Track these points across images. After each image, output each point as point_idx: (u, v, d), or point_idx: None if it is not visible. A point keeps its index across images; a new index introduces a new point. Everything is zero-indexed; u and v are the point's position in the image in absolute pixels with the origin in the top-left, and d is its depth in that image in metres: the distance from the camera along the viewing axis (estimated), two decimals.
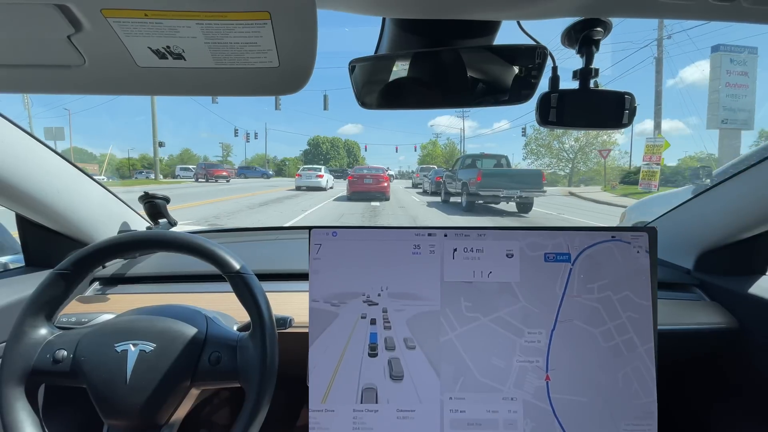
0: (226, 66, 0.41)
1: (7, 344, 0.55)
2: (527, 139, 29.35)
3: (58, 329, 0.59)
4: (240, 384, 0.56)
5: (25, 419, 0.53)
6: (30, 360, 0.55)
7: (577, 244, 0.57)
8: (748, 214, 0.78)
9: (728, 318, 0.80)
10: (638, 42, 29.20)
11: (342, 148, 68.85)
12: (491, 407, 0.55)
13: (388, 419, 0.55)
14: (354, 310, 0.57)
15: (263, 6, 0.33)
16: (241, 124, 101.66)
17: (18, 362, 0.55)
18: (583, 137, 25.15)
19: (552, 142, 28.02)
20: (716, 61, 14.48)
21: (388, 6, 0.46)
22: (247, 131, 48.73)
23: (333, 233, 0.58)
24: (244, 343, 0.57)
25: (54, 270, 0.58)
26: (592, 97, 0.59)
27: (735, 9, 0.41)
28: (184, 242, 0.59)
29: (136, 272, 0.94)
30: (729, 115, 14.49)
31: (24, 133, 0.73)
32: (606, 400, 0.55)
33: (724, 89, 14.36)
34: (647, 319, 0.56)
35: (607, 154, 19.35)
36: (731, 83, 14.40)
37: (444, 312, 0.57)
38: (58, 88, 0.46)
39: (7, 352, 0.55)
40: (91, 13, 0.34)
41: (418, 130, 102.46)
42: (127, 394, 0.54)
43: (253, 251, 1.12)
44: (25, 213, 0.83)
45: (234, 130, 44.45)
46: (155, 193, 0.95)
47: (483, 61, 0.65)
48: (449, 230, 0.58)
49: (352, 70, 0.65)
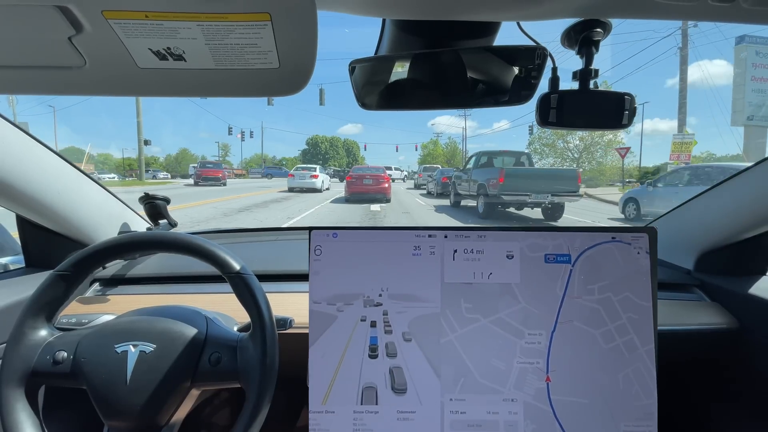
0: (226, 67, 0.41)
1: (7, 345, 0.55)
2: (531, 138, 28.84)
3: (58, 330, 0.59)
4: (240, 384, 0.56)
5: (25, 420, 0.53)
6: (30, 361, 0.55)
7: (577, 245, 0.57)
8: (748, 215, 0.78)
9: (728, 318, 0.80)
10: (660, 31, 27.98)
11: (341, 148, 68.73)
12: (492, 408, 0.55)
13: (389, 420, 0.55)
14: (354, 311, 0.57)
15: (263, 7, 0.33)
16: (237, 122, 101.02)
17: (18, 363, 0.55)
18: (588, 136, 24.59)
19: (556, 142, 27.20)
20: (741, 54, 13.17)
21: (388, 7, 0.46)
22: (242, 129, 47.29)
23: (333, 234, 0.58)
24: (244, 343, 0.57)
25: (54, 271, 0.58)
26: (592, 97, 0.59)
27: (735, 10, 0.41)
28: (185, 243, 0.59)
29: (136, 273, 0.94)
30: (755, 111, 13.24)
31: (24, 134, 0.73)
32: (606, 401, 0.55)
33: (749, 84, 13.07)
34: (648, 320, 0.56)
35: (626, 153, 17.37)
36: (757, 77, 13.10)
37: (444, 313, 0.57)
38: (58, 90, 0.46)
39: (7, 353, 0.55)
40: (92, 14, 0.34)
41: (418, 129, 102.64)
42: (128, 395, 0.54)
43: (254, 252, 1.12)
44: (26, 214, 0.83)
45: (228, 129, 43.13)
46: (155, 194, 0.95)
47: (483, 62, 0.65)
48: (449, 231, 0.58)
49: (352, 71, 0.65)
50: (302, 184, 16.05)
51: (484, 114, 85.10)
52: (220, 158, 52.62)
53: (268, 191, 16.42)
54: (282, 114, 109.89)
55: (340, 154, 67.03)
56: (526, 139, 29.37)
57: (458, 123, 59.18)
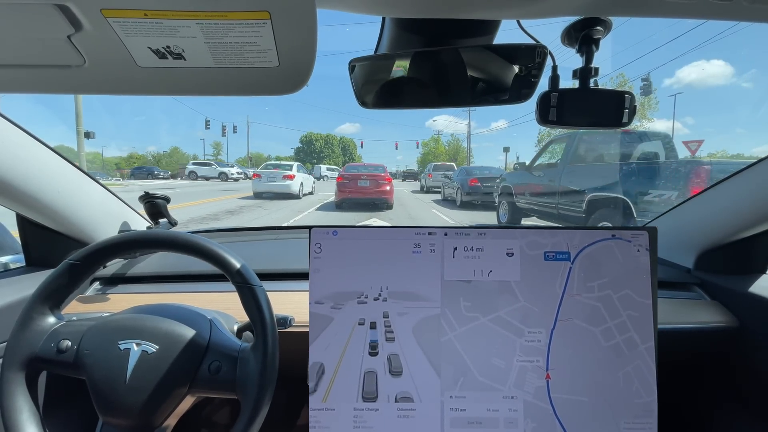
0: (225, 66, 0.41)
1: (13, 330, 0.56)
2: (539, 135, 27.99)
3: (64, 319, 0.60)
4: (236, 396, 0.55)
5: (24, 404, 0.53)
6: (34, 347, 0.56)
7: (576, 242, 0.57)
8: (748, 213, 0.78)
9: (728, 317, 0.80)
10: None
11: (337, 146, 67.40)
12: (492, 406, 0.55)
13: (389, 418, 0.55)
14: (354, 309, 0.57)
15: (263, 6, 0.33)
16: (228, 118, 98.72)
17: (22, 348, 0.55)
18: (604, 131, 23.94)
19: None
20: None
21: (388, 5, 0.46)
22: (224, 123, 42.52)
23: (333, 232, 0.59)
24: (245, 355, 0.56)
25: (67, 260, 0.58)
26: (592, 96, 0.60)
27: (735, 8, 0.41)
28: (196, 245, 0.58)
29: (136, 272, 0.94)
30: None
31: (24, 133, 0.73)
32: (606, 399, 0.55)
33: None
34: (648, 317, 0.56)
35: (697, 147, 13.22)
36: None
37: (444, 312, 0.57)
38: (58, 89, 0.46)
39: (13, 337, 0.56)
40: (91, 13, 0.34)
41: (417, 129, 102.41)
42: (125, 393, 0.54)
43: (254, 250, 1.12)
44: (26, 213, 0.83)
45: (205, 122, 37.09)
46: (155, 193, 0.95)
47: (483, 61, 0.65)
48: (449, 229, 0.58)
49: (352, 70, 0.65)
50: (272, 188, 11.79)
51: (481, 113, 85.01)
52: (213, 156, 51.83)
53: (228, 197, 12.32)
54: (280, 111, 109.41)
55: (336, 153, 65.94)
56: (526, 138, 29.10)
57: (456, 122, 58.84)
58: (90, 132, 28.33)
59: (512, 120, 72.63)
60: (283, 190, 11.72)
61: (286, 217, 8.17)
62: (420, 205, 11.28)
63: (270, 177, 11.90)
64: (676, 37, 15.57)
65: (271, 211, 8.98)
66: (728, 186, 0.81)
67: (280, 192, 11.77)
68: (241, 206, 9.74)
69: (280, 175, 11.90)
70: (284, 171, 12.10)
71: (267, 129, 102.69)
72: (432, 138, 54.94)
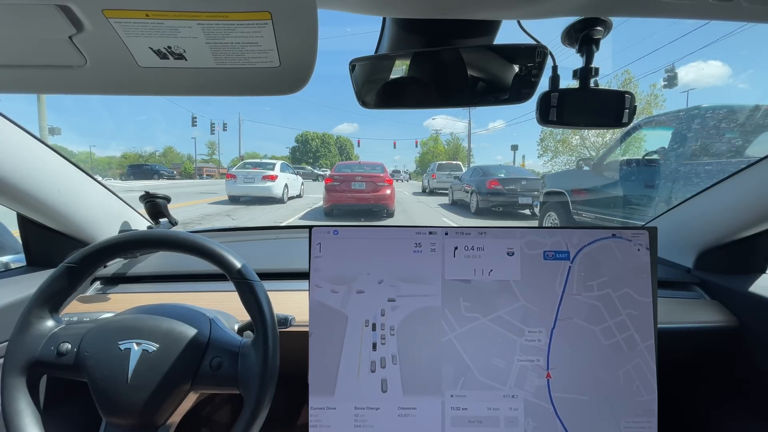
0: (227, 66, 0.41)
1: (12, 334, 0.56)
2: (542, 134, 27.61)
3: (63, 322, 0.60)
4: (239, 391, 0.55)
5: (26, 409, 0.53)
6: (34, 351, 0.56)
7: (575, 241, 0.57)
8: (748, 213, 0.78)
9: (728, 316, 0.80)
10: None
11: (333, 145, 66.22)
12: (492, 405, 0.55)
13: (390, 416, 0.55)
14: (355, 308, 0.57)
15: (264, 6, 0.34)
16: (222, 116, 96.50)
17: (22, 352, 0.55)
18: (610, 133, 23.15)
19: (571, 138, 24.56)
20: None
21: (389, 6, 0.46)
22: (212, 120, 39.26)
23: (334, 231, 0.59)
24: (246, 350, 0.57)
25: (64, 263, 0.58)
26: (593, 96, 0.60)
27: (735, 8, 0.42)
28: (196, 245, 0.59)
29: (136, 272, 0.94)
30: None
31: (24, 133, 0.73)
32: (607, 397, 0.55)
33: None
34: (647, 316, 0.56)
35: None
36: None
37: (443, 312, 0.57)
38: (59, 89, 0.46)
39: (12, 341, 0.56)
40: (93, 13, 0.34)
41: (415, 129, 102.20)
42: (128, 392, 0.54)
43: (254, 250, 1.12)
44: (26, 212, 0.83)
45: (192, 119, 34.64)
46: (156, 193, 0.95)
47: (483, 61, 0.65)
48: (450, 228, 0.59)
49: (353, 70, 0.65)
50: (249, 191, 9.95)
51: (479, 113, 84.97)
52: (208, 156, 51.39)
53: (201, 201, 10.73)
54: (277, 111, 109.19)
55: (332, 152, 64.94)
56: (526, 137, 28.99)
57: (455, 122, 58.67)
58: (55, 128, 27.95)
59: (510, 120, 72.56)
60: (262, 193, 9.89)
61: (268, 221, 6.89)
62: (426, 211, 9.85)
63: (247, 178, 9.99)
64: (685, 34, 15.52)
65: (238, 222, 7.11)
66: (728, 186, 0.81)
67: (259, 195, 9.96)
68: (204, 215, 8.03)
69: (260, 175, 9.99)
70: (264, 171, 10.19)
71: (263, 128, 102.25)
72: (431, 137, 54.41)
